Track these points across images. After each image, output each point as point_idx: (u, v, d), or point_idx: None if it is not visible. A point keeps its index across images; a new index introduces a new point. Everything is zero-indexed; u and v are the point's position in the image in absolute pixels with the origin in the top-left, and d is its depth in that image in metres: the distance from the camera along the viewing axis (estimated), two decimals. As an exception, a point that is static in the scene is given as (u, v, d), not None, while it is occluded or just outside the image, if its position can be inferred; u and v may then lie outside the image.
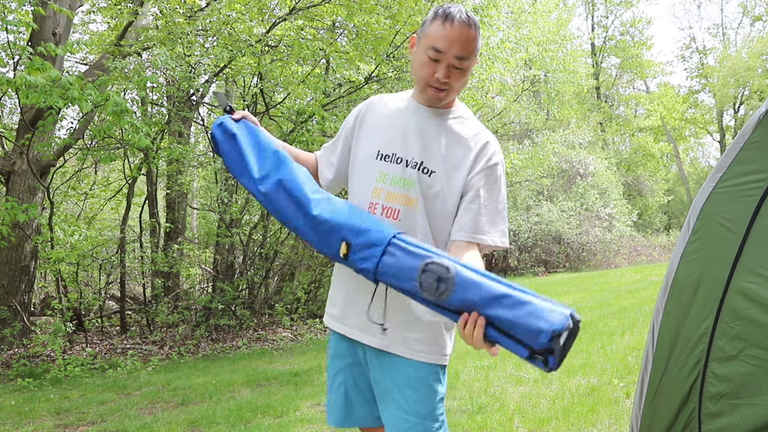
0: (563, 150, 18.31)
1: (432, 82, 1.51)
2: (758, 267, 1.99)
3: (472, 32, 1.48)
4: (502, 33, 11.01)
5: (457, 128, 1.59)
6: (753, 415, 1.96)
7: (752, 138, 2.03)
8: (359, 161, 1.65)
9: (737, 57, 25.16)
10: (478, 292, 1.23)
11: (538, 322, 1.16)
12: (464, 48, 1.48)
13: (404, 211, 1.54)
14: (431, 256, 1.30)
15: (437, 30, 1.48)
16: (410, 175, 1.55)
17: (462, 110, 1.64)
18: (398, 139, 1.59)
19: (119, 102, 4.92)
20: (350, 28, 8.04)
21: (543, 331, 1.15)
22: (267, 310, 8.35)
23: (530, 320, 1.17)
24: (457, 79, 1.52)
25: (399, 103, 1.66)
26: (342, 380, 1.64)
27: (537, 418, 3.44)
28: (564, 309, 1.18)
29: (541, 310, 1.18)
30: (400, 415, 1.50)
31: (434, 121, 1.59)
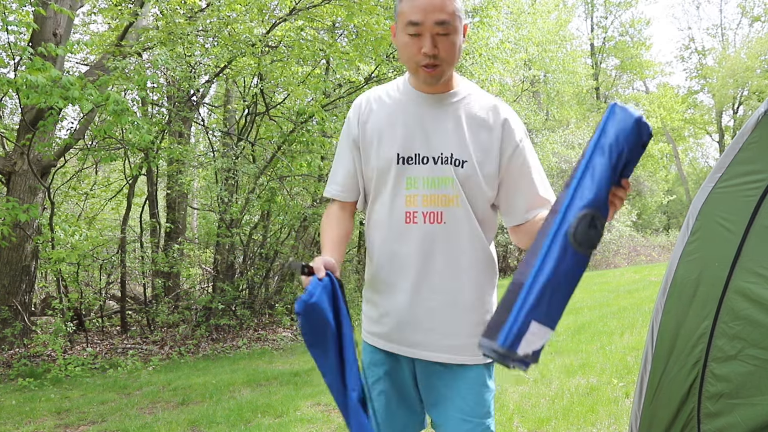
0: (563, 150, 18.31)
1: (421, 60, 1.38)
2: (757, 267, 2.00)
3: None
4: (501, 33, 11.02)
5: (473, 109, 1.48)
6: (752, 414, 1.97)
7: (751, 138, 2.03)
8: (378, 170, 1.50)
9: (736, 57, 25.16)
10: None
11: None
12: (441, 11, 1.34)
13: (447, 212, 1.45)
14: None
15: (407, 3, 1.36)
16: (444, 171, 1.45)
17: (466, 88, 1.52)
18: (415, 136, 1.47)
19: (120, 101, 4.93)
20: (350, 28, 8.05)
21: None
22: (267, 310, 8.36)
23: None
24: (446, 49, 1.38)
25: (398, 95, 1.53)
26: (382, 388, 1.56)
27: (536, 418, 3.45)
28: None
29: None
30: (460, 417, 1.49)
31: (445, 107, 1.48)
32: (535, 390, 4.07)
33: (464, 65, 8.35)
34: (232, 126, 9.74)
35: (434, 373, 1.52)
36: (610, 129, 1.20)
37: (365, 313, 1.62)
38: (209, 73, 7.78)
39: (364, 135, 1.53)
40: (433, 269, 1.47)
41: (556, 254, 1.13)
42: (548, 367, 4.69)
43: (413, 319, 1.49)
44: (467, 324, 1.50)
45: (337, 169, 1.60)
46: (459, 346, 1.49)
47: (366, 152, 1.53)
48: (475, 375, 1.50)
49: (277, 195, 8.28)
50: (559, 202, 1.21)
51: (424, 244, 1.47)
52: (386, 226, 1.51)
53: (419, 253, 1.47)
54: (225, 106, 10.63)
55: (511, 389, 4.12)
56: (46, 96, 4.61)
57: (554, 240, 1.15)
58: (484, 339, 1.16)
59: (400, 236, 1.49)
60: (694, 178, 28.38)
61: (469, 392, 1.49)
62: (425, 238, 1.47)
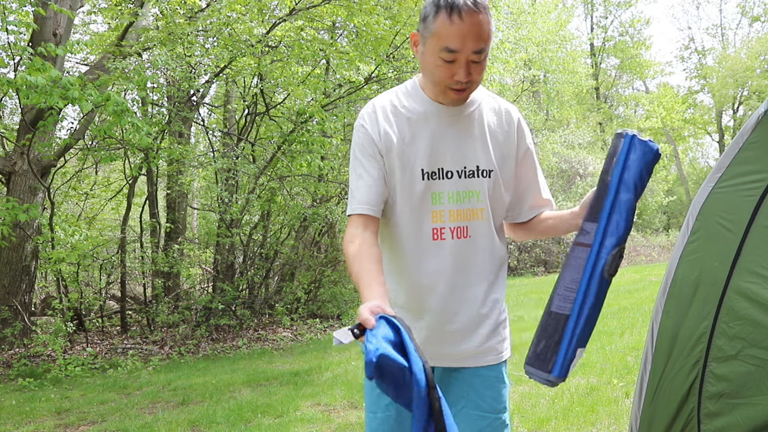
0: (563, 150, 18.32)
1: (452, 85, 1.34)
2: (757, 267, 2.00)
3: (484, 16, 1.28)
4: (501, 33, 11.02)
5: (487, 115, 1.48)
6: (752, 414, 1.97)
7: (751, 138, 2.03)
8: (401, 187, 1.43)
9: (736, 57, 25.15)
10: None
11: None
12: (479, 39, 1.28)
13: (472, 226, 1.44)
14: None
15: (445, 27, 1.27)
16: (470, 185, 1.43)
17: (479, 95, 1.50)
18: (437, 150, 1.43)
19: (120, 101, 4.93)
20: (350, 28, 8.05)
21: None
22: (267, 310, 8.36)
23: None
24: (479, 72, 1.34)
25: (416, 106, 1.45)
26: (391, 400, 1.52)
27: (536, 418, 3.45)
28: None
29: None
30: (477, 414, 1.50)
31: (464, 118, 1.45)
32: (535, 390, 4.07)
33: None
34: (232, 126, 9.74)
35: (454, 375, 1.53)
36: (633, 164, 1.27)
37: None
38: (209, 73, 7.78)
39: (386, 146, 1.43)
40: (460, 284, 1.47)
41: (595, 289, 1.26)
42: (548, 367, 4.69)
43: (441, 334, 1.50)
44: (486, 328, 1.52)
45: (360, 184, 1.43)
46: (480, 351, 1.51)
47: (389, 165, 1.44)
48: (495, 373, 1.52)
49: (277, 195, 8.28)
50: (587, 234, 1.29)
51: (453, 261, 1.45)
52: (412, 242, 1.46)
53: (449, 270, 1.46)
54: (225, 106, 10.63)
55: (511, 389, 4.12)
56: (46, 96, 4.61)
57: (592, 277, 1.26)
58: (533, 369, 1.31)
59: (428, 253, 1.46)
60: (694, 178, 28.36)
61: (487, 390, 1.51)
62: (454, 255, 1.45)
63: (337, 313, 8.55)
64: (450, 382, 1.54)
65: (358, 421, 3.71)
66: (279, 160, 7.89)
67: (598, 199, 1.30)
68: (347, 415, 3.85)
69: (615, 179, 1.28)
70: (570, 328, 1.25)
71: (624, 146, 1.28)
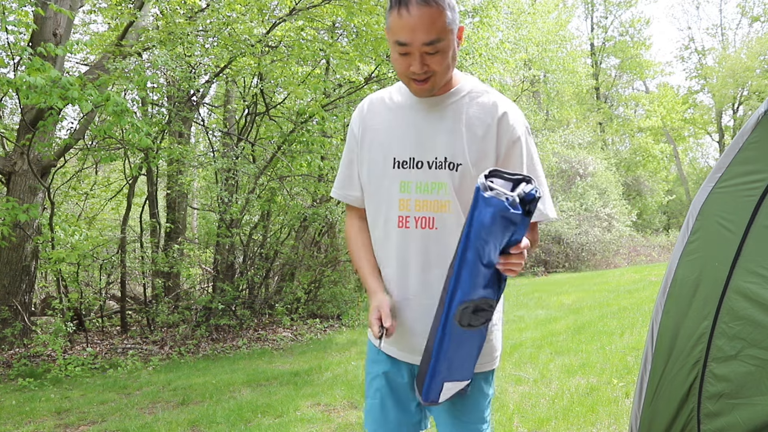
0: (563, 150, 18.33)
1: (410, 75, 1.36)
2: (757, 267, 2.00)
3: (434, 8, 1.27)
4: (501, 33, 11.02)
5: (471, 108, 1.44)
6: (752, 414, 1.97)
7: (751, 138, 2.03)
8: (375, 173, 1.50)
9: (736, 57, 25.17)
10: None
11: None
12: (430, 30, 1.28)
13: (439, 218, 1.44)
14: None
15: (395, 21, 1.30)
16: (437, 176, 1.43)
17: (468, 85, 1.47)
18: (411, 140, 1.45)
19: (119, 102, 4.93)
20: (350, 28, 8.05)
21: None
22: (267, 310, 8.36)
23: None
24: (438, 63, 1.34)
25: (399, 98, 1.51)
26: (378, 386, 1.58)
27: (536, 418, 3.45)
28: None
29: None
30: (453, 422, 1.53)
31: (443, 109, 1.44)
32: (535, 390, 4.07)
33: (464, 65, 8.35)
34: (232, 126, 9.74)
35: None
36: (476, 221, 1.21)
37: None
38: (209, 73, 7.78)
39: (363, 138, 1.53)
40: (427, 275, 1.46)
41: (449, 339, 1.30)
42: (548, 367, 4.69)
43: (408, 323, 1.49)
44: None
45: (351, 173, 1.59)
46: None
47: (363, 150, 1.53)
48: (473, 385, 1.52)
49: (277, 195, 8.28)
50: (445, 289, 1.31)
51: (417, 249, 1.46)
52: (381, 229, 1.51)
53: (412, 257, 1.46)
54: (225, 106, 10.64)
55: (511, 389, 4.13)
56: (46, 96, 4.61)
57: (445, 329, 1.29)
58: (416, 386, 1.42)
59: (393, 240, 1.48)
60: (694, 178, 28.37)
61: (467, 401, 1.52)
62: (418, 243, 1.46)
63: (337, 313, 8.56)
64: None
65: (358, 421, 3.71)
66: (279, 160, 7.89)
67: (456, 247, 1.27)
68: (347, 415, 3.85)
69: (464, 233, 1.23)
70: (431, 367, 1.33)
71: (474, 198, 1.21)
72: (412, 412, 1.59)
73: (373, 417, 1.59)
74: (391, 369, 1.57)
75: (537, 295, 9.63)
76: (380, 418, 1.58)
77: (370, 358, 1.62)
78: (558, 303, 8.60)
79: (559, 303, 8.59)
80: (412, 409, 1.59)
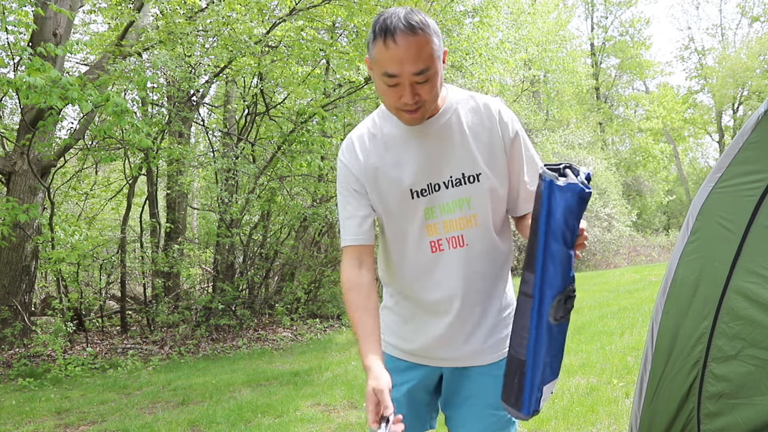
0: (563, 150, 18.31)
1: (402, 107, 1.33)
2: (757, 267, 2.00)
3: (421, 37, 1.25)
4: (501, 33, 11.02)
5: (466, 117, 1.45)
6: (752, 414, 1.97)
7: (751, 138, 2.03)
8: (393, 210, 1.47)
9: (736, 57, 25.17)
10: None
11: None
12: (418, 60, 1.26)
13: (468, 234, 1.45)
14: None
15: (381, 53, 1.27)
16: (461, 193, 1.43)
17: (452, 98, 1.47)
18: (422, 167, 1.44)
19: (119, 102, 4.93)
20: (350, 28, 8.05)
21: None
22: (267, 310, 8.36)
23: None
24: (428, 91, 1.32)
25: (391, 129, 1.47)
26: (395, 397, 1.52)
27: (536, 418, 3.45)
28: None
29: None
30: (485, 411, 1.53)
31: (440, 128, 1.44)
32: (535, 390, 4.07)
33: (464, 65, 8.36)
34: (232, 126, 9.74)
35: (461, 374, 1.55)
36: (557, 211, 1.22)
37: (384, 321, 1.60)
38: (209, 73, 7.78)
39: (369, 175, 1.47)
40: (462, 291, 1.48)
41: (545, 336, 1.28)
42: (548, 367, 4.69)
43: (448, 339, 1.52)
44: (489, 327, 1.54)
45: (349, 223, 1.49)
46: (481, 350, 1.53)
47: (376, 192, 1.47)
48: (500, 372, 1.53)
49: (277, 195, 8.28)
50: (528, 284, 1.29)
51: (454, 270, 1.47)
52: (414, 259, 1.50)
53: (450, 279, 1.48)
54: (225, 106, 10.64)
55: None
56: (45, 96, 4.61)
57: (540, 326, 1.28)
58: (507, 406, 1.36)
59: (430, 266, 1.49)
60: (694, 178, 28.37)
61: (496, 387, 1.52)
62: (453, 264, 1.47)
63: (337, 313, 8.56)
64: (458, 381, 1.56)
65: (358, 421, 3.71)
66: (279, 160, 7.89)
67: (531, 246, 1.27)
68: (347, 415, 3.85)
69: (542, 228, 1.23)
70: (529, 375, 1.30)
71: (545, 191, 1.23)
72: (422, 415, 1.60)
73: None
74: (411, 374, 1.57)
75: (537, 295, 9.62)
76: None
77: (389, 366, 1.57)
78: (558, 303, 8.59)
79: (559, 303, 8.57)
80: (422, 412, 1.60)
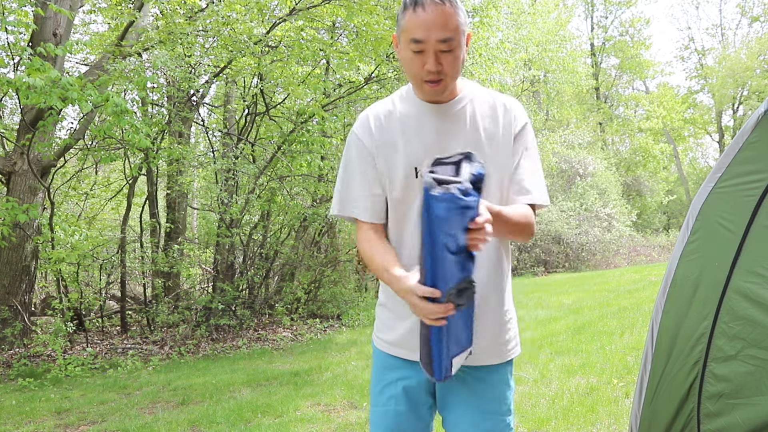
0: (563, 150, 18.33)
1: (425, 76, 1.39)
2: (757, 267, 2.00)
3: (448, 8, 1.33)
4: (501, 33, 11.02)
5: (479, 108, 1.49)
6: (752, 414, 1.97)
7: (751, 138, 2.03)
8: (396, 188, 1.49)
9: (736, 57, 25.18)
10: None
11: None
12: (444, 28, 1.33)
13: None
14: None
15: (411, 20, 1.34)
16: None
17: (470, 91, 1.52)
18: (432, 148, 1.45)
19: (119, 102, 4.93)
20: (350, 28, 8.05)
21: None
22: (267, 310, 8.36)
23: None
24: (450, 63, 1.38)
25: (407, 108, 1.51)
26: (392, 393, 1.56)
27: (536, 418, 3.45)
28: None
29: None
30: (481, 416, 1.52)
31: (454, 114, 1.48)
32: (535, 390, 4.08)
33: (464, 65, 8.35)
34: (232, 126, 9.74)
35: (457, 377, 1.52)
36: (433, 219, 1.18)
37: (380, 317, 1.62)
38: (209, 73, 7.78)
39: (378, 153, 1.50)
40: None
41: (440, 327, 1.29)
42: (548, 367, 4.69)
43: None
44: (486, 326, 1.51)
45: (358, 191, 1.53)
46: (482, 348, 1.50)
47: (382, 167, 1.50)
48: (498, 376, 1.53)
49: (277, 195, 8.28)
50: (421, 276, 1.27)
51: None
52: (412, 245, 1.49)
53: None
54: (225, 106, 10.63)
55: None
56: (45, 96, 4.62)
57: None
58: (423, 368, 1.39)
59: None
60: (694, 178, 28.37)
61: (492, 393, 1.51)
62: None
63: (337, 313, 8.56)
64: (452, 387, 1.54)
65: (358, 421, 3.71)
66: (279, 160, 7.89)
67: (420, 246, 1.25)
68: (347, 415, 3.85)
69: (426, 235, 1.21)
70: (435, 348, 1.32)
71: (425, 199, 1.18)
72: (424, 417, 1.58)
73: (386, 424, 1.56)
74: (408, 372, 1.56)
75: (537, 295, 9.64)
76: (393, 425, 1.55)
77: (381, 364, 1.60)
78: (558, 303, 8.60)
79: (559, 303, 8.59)
80: (424, 414, 1.58)
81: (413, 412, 1.56)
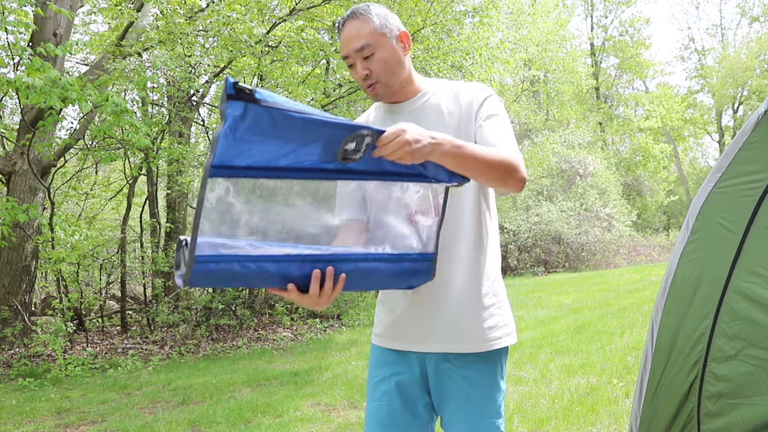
0: (563, 150, 18.32)
1: (362, 83, 1.51)
2: (757, 267, 2.00)
3: (357, 22, 1.46)
4: (501, 33, 11.02)
5: (441, 99, 1.54)
6: (752, 414, 1.97)
7: (751, 138, 2.03)
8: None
9: (736, 57, 25.18)
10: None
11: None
12: (357, 38, 1.45)
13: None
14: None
15: (340, 43, 1.51)
16: None
17: (434, 86, 1.57)
18: None
19: (119, 102, 4.94)
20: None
21: None
22: (267, 309, 8.36)
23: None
24: (377, 65, 1.47)
25: (378, 113, 1.63)
26: (386, 389, 1.57)
27: (536, 418, 3.45)
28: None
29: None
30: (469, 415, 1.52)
31: (417, 110, 1.54)
32: (535, 390, 4.08)
33: (464, 65, 8.35)
34: (232, 126, 9.72)
35: (444, 371, 1.53)
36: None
37: (376, 314, 1.66)
38: (209, 73, 7.78)
39: None
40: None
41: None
42: (548, 367, 4.69)
43: (413, 307, 1.51)
44: (467, 311, 1.50)
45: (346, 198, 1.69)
46: (462, 334, 1.49)
47: None
48: (487, 379, 1.52)
49: (277, 195, 8.27)
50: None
51: None
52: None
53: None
54: (225, 106, 10.62)
55: (511, 389, 4.13)
56: (45, 96, 4.62)
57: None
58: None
59: None
60: (694, 178, 28.36)
61: (479, 392, 1.51)
62: None
63: (337, 313, 8.56)
64: (442, 382, 1.53)
65: (358, 420, 3.71)
66: (279, 160, 7.87)
67: None
68: (347, 415, 3.85)
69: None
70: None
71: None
72: (421, 416, 1.57)
73: (379, 419, 1.56)
74: (401, 368, 1.56)
75: (537, 295, 9.64)
76: (387, 420, 1.55)
77: (376, 360, 1.62)
78: (558, 303, 8.60)
79: (559, 303, 8.59)
80: (421, 413, 1.57)
81: (408, 408, 1.55)
